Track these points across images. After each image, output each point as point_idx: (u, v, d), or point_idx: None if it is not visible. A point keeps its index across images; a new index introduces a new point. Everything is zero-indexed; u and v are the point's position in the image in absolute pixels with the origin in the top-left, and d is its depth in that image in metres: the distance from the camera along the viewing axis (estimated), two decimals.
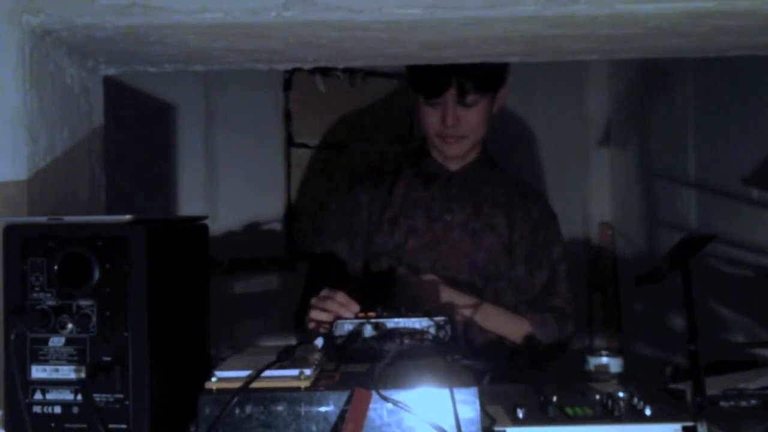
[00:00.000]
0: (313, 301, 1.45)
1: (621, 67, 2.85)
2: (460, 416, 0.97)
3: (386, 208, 1.76)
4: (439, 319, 1.23)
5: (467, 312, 1.62)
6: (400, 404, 0.97)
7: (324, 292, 1.43)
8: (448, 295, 1.60)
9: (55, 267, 0.97)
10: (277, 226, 2.68)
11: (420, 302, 1.52)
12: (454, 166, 1.78)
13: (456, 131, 1.70)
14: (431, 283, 1.61)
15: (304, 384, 1.00)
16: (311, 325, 1.47)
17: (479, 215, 1.74)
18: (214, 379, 1.00)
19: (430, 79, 1.66)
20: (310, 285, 1.75)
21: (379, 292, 1.63)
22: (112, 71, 1.49)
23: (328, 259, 1.77)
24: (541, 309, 1.72)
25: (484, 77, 1.67)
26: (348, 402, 0.97)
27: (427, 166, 1.79)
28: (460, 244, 1.72)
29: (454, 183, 1.77)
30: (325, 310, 1.39)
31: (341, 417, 0.97)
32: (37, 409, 0.97)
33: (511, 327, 1.69)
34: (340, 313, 1.34)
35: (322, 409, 0.97)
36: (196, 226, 1.20)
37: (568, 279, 1.78)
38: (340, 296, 1.38)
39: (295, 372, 1.01)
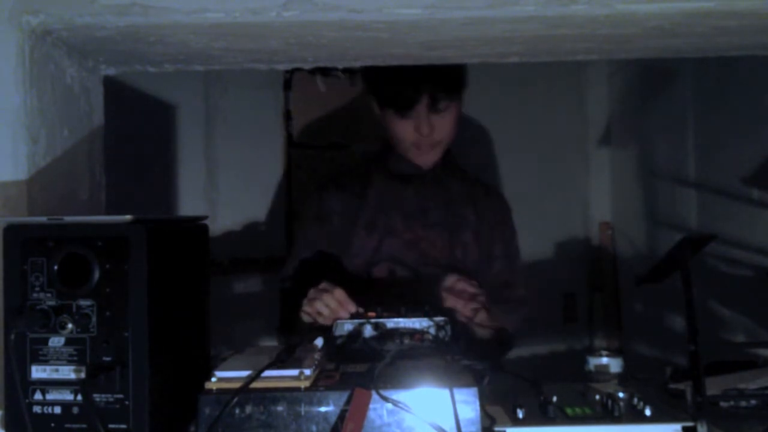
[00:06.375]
0: (312, 292, 1.44)
1: (621, 67, 2.85)
2: (460, 416, 0.97)
3: (360, 212, 1.75)
4: (439, 319, 1.23)
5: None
6: (400, 404, 0.97)
7: (323, 285, 1.43)
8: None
9: (55, 267, 0.97)
10: (277, 226, 2.69)
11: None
12: (425, 164, 1.78)
13: (431, 139, 1.70)
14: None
15: (304, 384, 1.00)
16: (306, 318, 1.47)
17: (453, 212, 1.77)
18: (214, 379, 1.00)
19: (401, 93, 1.66)
20: (291, 294, 1.76)
21: (376, 293, 1.63)
22: (112, 71, 1.49)
23: (309, 266, 1.77)
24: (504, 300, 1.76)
25: (452, 82, 1.68)
26: (348, 402, 0.97)
27: (399, 167, 1.78)
28: (438, 242, 1.73)
29: (428, 181, 1.78)
30: (325, 305, 1.39)
31: (341, 417, 0.97)
32: (37, 409, 0.97)
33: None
34: (337, 311, 1.35)
35: (322, 409, 0.97)
36: (196, 226, 1.20)
37: (523, 268, 1.86)
38: (339, 293, 1.39)
39: (295, 372, 1.01)
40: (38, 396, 0.97)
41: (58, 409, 0.97)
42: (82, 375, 0.96)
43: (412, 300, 1.43)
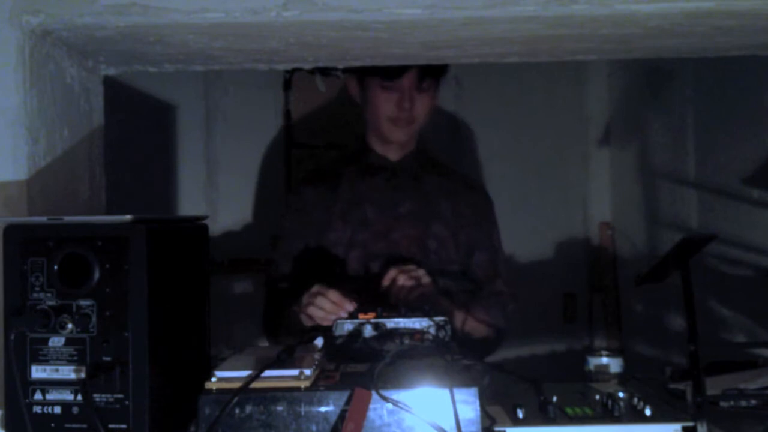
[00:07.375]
0: (306, 297, 1.45)
1: (621, 67, 2.85)
2: (460, 416, 0.97)
3: (335, 204, 1.78)
4: (439, 319, 1.23)
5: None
6: (400, 404, 0.97)
7: (316, 288, 1.44)
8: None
9: (55, 267, 0.97)
10: (277, 226, 2.68)
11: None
12: (394, 156, 1.81)
13: (409, 114, 1.73)
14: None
15: (304, 384, 1.00)
16: (306, 322, 1.47)
17: (425, 203, 1.78)
18: (214, 379, 1.00)
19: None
20: (275, 293, 1.76)
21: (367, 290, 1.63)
22: (112, 71, 1.49)
23: (294, 262, 1.78)
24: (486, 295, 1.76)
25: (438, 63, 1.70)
26: (348, 402, 0.97)
27: (369, 160, 1.81)
28: (410, 232, 1.74)
29: (398, 173, 1.80)
30: (321, 308, 1.40)
31: (341, 417, 0.97)
32: (37, 409, 0.97)
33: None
34: (332, 312, 1.36)
35: (322, 409, 0.97)
36: (196, 226, 1.20)
37: (507, 263, 1.85)
38: (333, 294, 1.39)
39: (295, 372, 1.01)
40: (38, 396, 0.97)
41: (58, 409, 0.97)
42: (82, 375, 0.96)
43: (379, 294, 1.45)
